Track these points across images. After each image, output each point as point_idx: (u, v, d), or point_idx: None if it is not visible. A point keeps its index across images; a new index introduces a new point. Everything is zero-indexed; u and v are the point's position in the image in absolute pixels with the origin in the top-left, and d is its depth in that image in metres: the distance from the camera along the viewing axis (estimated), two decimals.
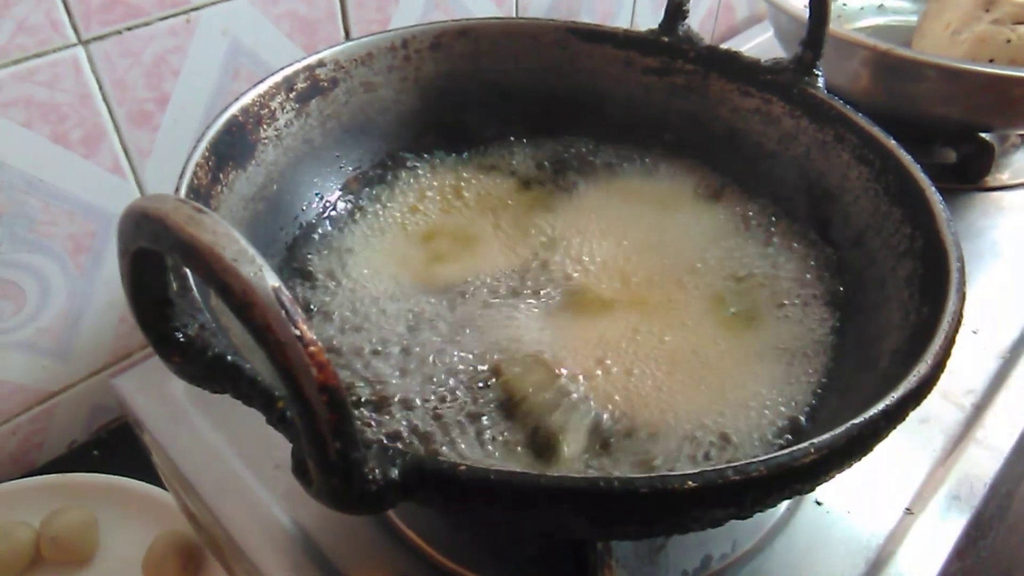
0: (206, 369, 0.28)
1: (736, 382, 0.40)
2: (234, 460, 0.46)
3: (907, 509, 0.45)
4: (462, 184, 0.53)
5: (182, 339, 0.28)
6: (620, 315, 0.44)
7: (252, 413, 0.29)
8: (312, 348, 0.21)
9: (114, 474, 0.61)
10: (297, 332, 0.21)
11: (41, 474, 0.62)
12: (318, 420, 0.22)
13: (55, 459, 0.68)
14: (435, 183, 0.52)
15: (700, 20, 1.14)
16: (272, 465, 0.46)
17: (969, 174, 0.72)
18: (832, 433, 0.28)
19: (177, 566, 0.56)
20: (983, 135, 0.70)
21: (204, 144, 0.39)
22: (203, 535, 0.53)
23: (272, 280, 0.21)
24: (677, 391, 0.40)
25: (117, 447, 0.69)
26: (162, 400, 0.50)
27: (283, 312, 0.21)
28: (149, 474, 0.58)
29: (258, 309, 0.21)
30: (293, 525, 0.43)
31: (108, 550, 0.59)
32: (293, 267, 0.46)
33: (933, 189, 0.41)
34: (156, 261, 0.26)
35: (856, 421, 0.28)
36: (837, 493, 0.45)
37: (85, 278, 0.63)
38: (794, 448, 0.27)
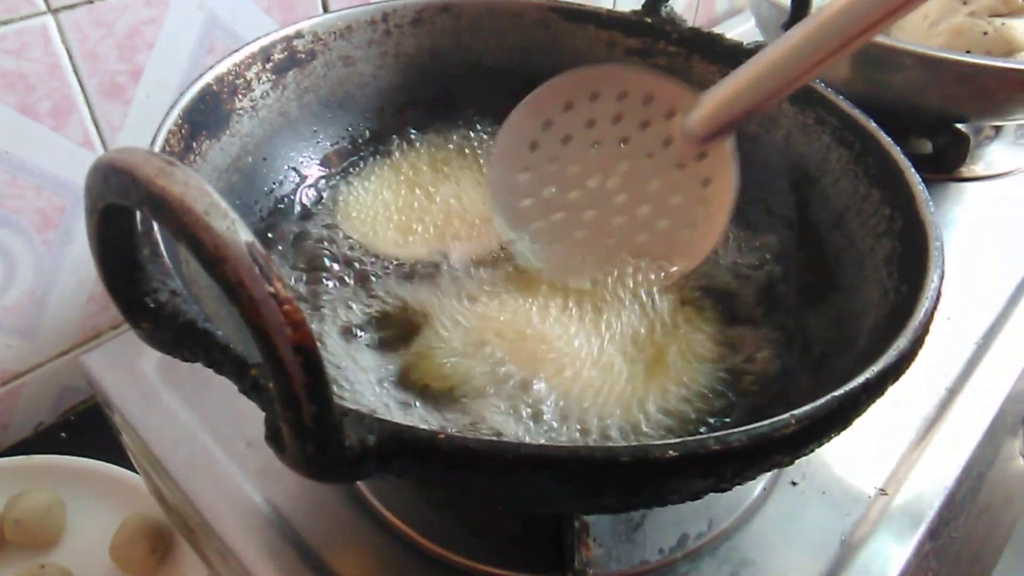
0: (176, 335, 0.28)
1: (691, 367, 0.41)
2: (205, 438, 0.45)
3: (881, 490, 0.45)
4: (442, 162, 0.52)
5: (152, 305, 0.28)
6: None
7: (224, 391, 0.28)
8: (287, 307, 0.20)
9: (82, 457, 0.60)
10: (271, 289, 0.20)
11: (7, 456, 0.60)
12: (293, 382, 0.21)
13: (21, 441, 0.66)
14: (414, 161, 0.52)
15: (680, 10, 1.14)
16: (244, 443, 0.45)
17: (944, 164, 0.73)
18: (813, 405, 0.27)
19: (146, 549, 0.55)
20: (958, 126, 0.71)
21: (177, 111, 0.38)
22: (173, 516, 0.52)
23: (245, 235, 0.20)
24: None
25: (85, 430, 0.68)
26: (132, 378, 0.48)
27: (257, 268, 0.20)
28: (118, 458, 0.57)
29: (230, 264, 0.20)
30: (266, 504, 0.42)
31: (75, 533, 0.58)
32: (266, 241, 0.45)
33: (912, 170, 0.41)
34: (126, 220, 0.25)
35: (836, 393, 0.28)
36: (812, 474, 0.45)
37: (53, 255, 0.61)
38: (775, 419, 0.27)
